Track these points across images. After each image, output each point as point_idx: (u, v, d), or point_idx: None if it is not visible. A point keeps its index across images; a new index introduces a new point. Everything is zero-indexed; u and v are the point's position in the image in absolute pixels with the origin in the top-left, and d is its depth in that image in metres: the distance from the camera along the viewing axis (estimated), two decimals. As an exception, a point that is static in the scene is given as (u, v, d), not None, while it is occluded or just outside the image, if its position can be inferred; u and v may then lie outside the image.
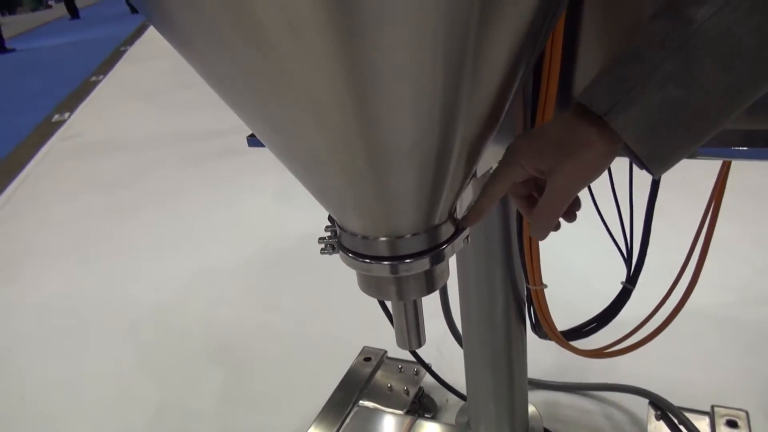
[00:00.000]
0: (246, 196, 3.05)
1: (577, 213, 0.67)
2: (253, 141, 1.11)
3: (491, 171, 0.65)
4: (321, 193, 0.61)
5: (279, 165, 0.63)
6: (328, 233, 0.68)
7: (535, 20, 0.51)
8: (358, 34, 0.42)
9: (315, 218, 2.73)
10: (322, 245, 0.67)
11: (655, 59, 0.46)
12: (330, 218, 0.69)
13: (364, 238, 0.62)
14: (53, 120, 5.21)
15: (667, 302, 1.13)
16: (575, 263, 1.99)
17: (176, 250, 2.61)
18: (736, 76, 0.46)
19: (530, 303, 1.03)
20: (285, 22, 0.41)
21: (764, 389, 1.45)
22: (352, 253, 0.64)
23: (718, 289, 1.80)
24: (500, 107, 0.58)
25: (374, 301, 0.96)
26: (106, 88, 6.28)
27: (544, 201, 0.58)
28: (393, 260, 0.62)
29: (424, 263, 0.63)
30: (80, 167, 3.88)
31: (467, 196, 0.73)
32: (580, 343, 1.15)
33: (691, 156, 0.59)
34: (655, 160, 0.51)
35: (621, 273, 1.08)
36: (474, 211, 0.65)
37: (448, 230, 0.63)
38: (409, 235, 0.61)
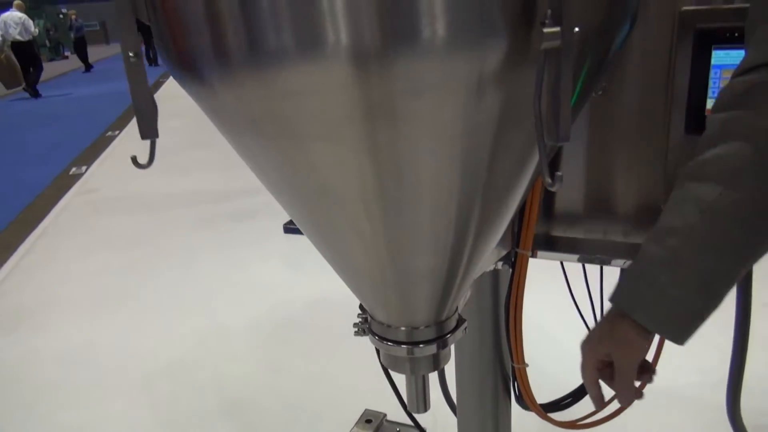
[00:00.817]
0: (256, 259, 3.25)
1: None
2: (288, 229, 1.33)
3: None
4: (358, 293, 0.82)
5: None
6: (360, 319, 0.89)
7: (525, 180, 0.74)
8: (395, 209, 0.64)
9: (321, 284, 2.92)
10: (356, 329, 0.88)
11: (653, 275, 0.68)
12: (361, 307, 0.90)
13: (388, 326, 0.83)
14: (70, 173, 5.47)
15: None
16: (561, 341, 2.17)
17: (189, 309, 2.79)
18: (713, 284, 0.67)
19: (515, 379, 1.23)
20: (355, 196, 0.64)
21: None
22: (379, 336, 0.85)
23: (686, 371, 1.99)
24: (497, 236, 0.80)
25: (376, 367, 1.14)
26: (122, 143, 6.57)
27: (617, 377, 0.78)
28: (409, 344, 0.83)
29: (432, 348, 0.83)
30: (98, 223, 4.09)
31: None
32: (558, 415, 1.33)
33: None
34: (675, 338, 0.71)
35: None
36: (596, 401, 0.84)
37: (451, 323, 0.84)
38: (422, 327, 0.82)
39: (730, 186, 0.62)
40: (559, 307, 1.28)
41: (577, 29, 0.48)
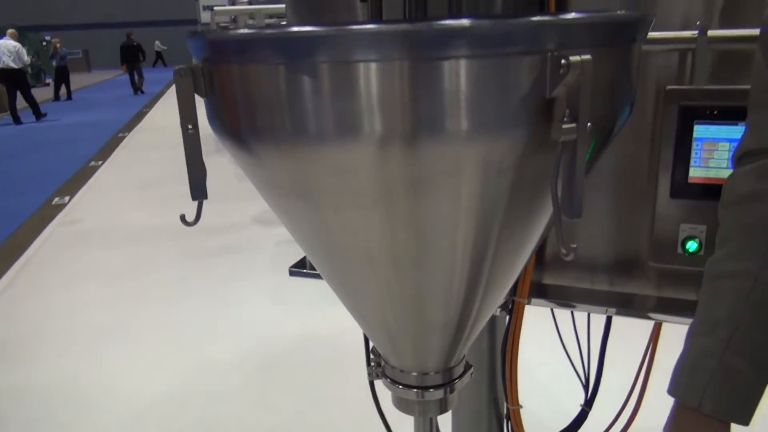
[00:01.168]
0: (243, 294, 3.27)
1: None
2: (294, 272, 1.39)
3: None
4: (375, 340, 0.89)
5: (275, 266, 0.86)
6: (373, 364, 0.95)
7: (531, 244, 0.81)
8: (415, 269, 0.72)
9: (308, 321, 2.95)
10: (370, 372, 0.94)
11: (711, 367, 0.73)
12: (374, 351, 0.96)
13: (401, 371, 0.89)
14: (53, 203, 5.44)
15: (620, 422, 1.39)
16: (550, 386, 2.24)
17: (175, 344, 2.79)
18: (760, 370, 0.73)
19: (508, 419, 1.29)
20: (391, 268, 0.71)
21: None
22: (392, 380, 0.91)
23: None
24: (503, 292, 0.87)
25: (368, 406, 1.19)
26: (106, 174, 6.55)
27: None
28: (419, 389, 0.89)
29: (440, 392, 0.89)
30: (81, 255, 4.07)
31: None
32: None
33: None
34: (744, 421, 0.75)
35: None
36: None
37: (459, 370, 0.91)
38: (432, 373, 0.88)
39: (762, 275, 0.69)
40: (547, 349, 1.34)
41: (590, 124, 0.56)
